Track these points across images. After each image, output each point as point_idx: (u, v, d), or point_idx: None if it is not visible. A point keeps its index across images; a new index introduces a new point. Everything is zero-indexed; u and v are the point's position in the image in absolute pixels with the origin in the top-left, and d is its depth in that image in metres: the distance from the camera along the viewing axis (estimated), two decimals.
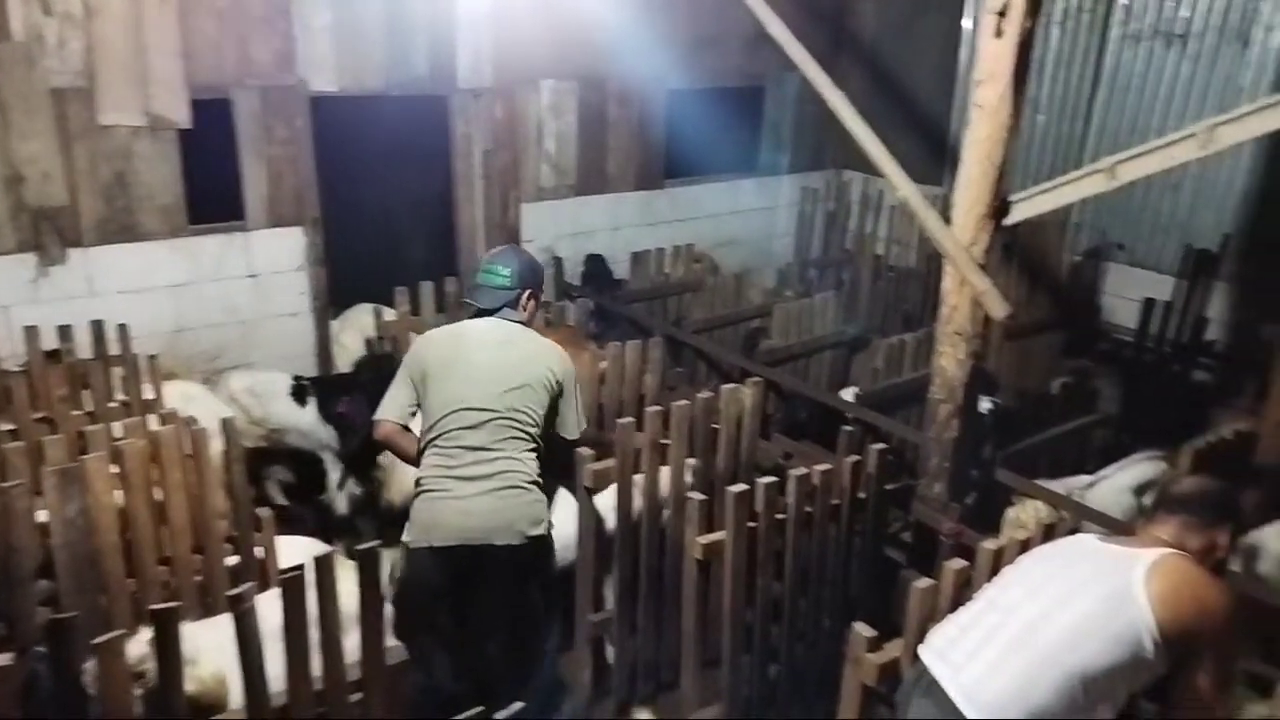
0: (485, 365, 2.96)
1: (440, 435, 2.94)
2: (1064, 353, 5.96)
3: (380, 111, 5.68)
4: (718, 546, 2.97)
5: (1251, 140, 5.67)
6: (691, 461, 3.39)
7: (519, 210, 6.09)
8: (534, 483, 2.97)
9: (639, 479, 3.31)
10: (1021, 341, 5.71)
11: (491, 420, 2.91)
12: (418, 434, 3.06)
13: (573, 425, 3.14)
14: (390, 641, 2.54)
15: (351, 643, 2.41)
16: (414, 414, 3.05)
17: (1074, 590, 2.14)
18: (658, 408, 3.38)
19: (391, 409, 3.05)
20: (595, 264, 6.41)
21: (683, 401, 3.40)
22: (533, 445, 2.99)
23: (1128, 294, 6.12)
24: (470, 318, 3.13)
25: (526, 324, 3.12)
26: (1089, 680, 2.05)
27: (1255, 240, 5.83)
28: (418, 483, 3.00)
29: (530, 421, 2.97)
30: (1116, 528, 3.10)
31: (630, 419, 3.34)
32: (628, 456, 3.26)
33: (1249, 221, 5.84)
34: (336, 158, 5.61)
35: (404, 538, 3.01)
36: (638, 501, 3.35)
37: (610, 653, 3.59)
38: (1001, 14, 2.87)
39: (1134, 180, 2.99)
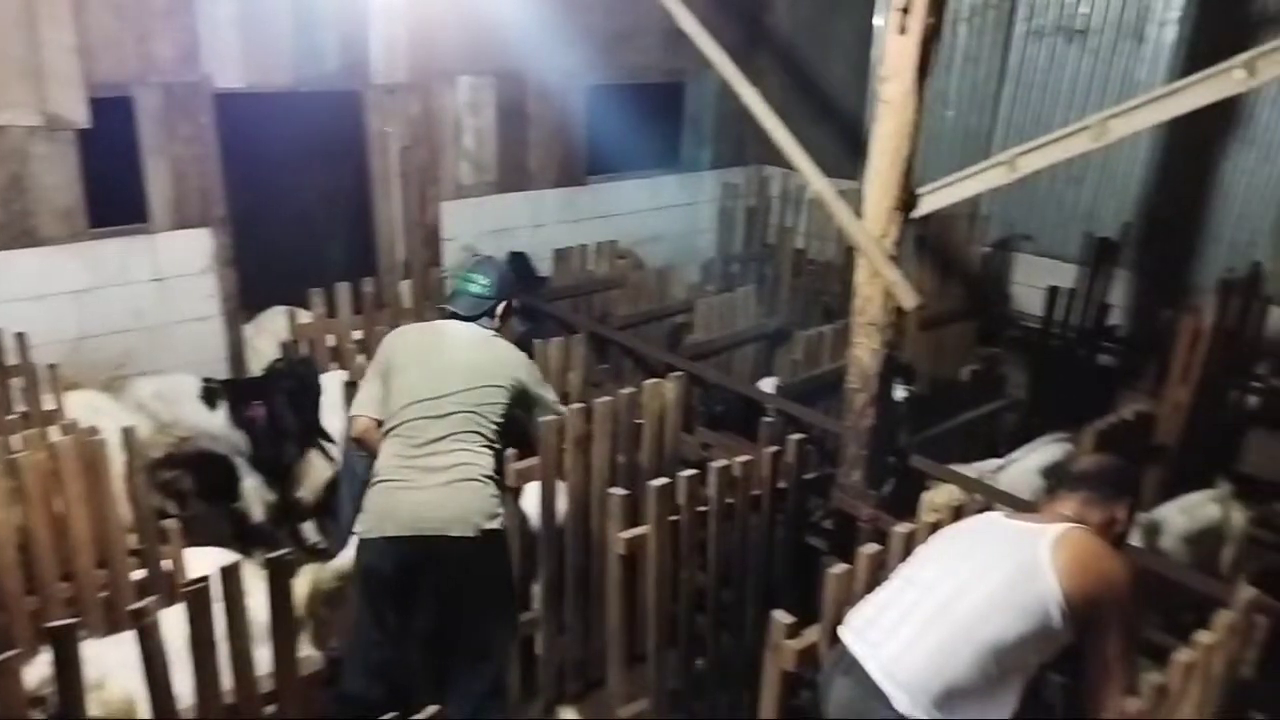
0: (455, 362, 3.07)
1: (402, 425, 2.98)
2: (977, 340, 6.15)
3: (291, 108, 5.54)
4: (641, 541, 2.98)
5: (1147, 133, 5.94)
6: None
7: (438, 208, 6.01)
8: (490, 478, 3.01)
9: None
10: (936, 331, 5.86)
11: (455, 414, 2.98)
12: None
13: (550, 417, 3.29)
14: (305, 651, 2.48)
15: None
16: None
17: (985, 566, 2.22)
18: (581, 404, 3.38)
19: (366, 404, 3.15)
20: (518, 262, 6.36)
21: (606, 397, 3.40)
22: (491, 444, 3.05)
23: (1035, 283, 6.32)
24: (445, 319, 3.25)
25: (498, 331, 3.24)
26: (1001, 652, 2.12)
27: (1153, 228, 6.09)
28: (374, 473, 3.01)
29: (492, 421, 3.05)
30: (1025, 509, 3.21)
31: (553, 418, 3.33)
32: (550, 454, 3.26)
33: (1147, 210, 6.10)
34: (245, 156, 5.45)
35: (356, 529, 3.00)
36: (562, 499, 3.35)
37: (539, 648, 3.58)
38: (905, 11, 2.93)
39: (1037, 172, 3.09)
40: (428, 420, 2.96)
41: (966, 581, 2.20)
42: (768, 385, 4.61)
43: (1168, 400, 4.67)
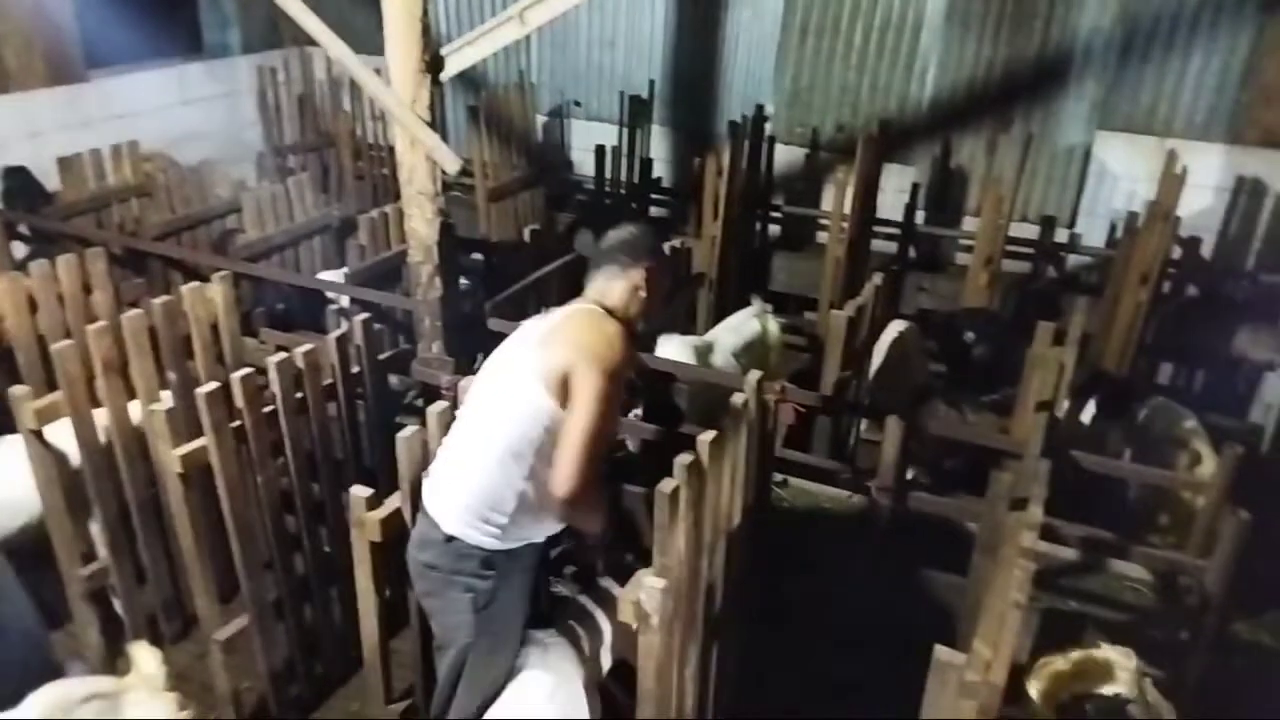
0: None
1: None
2: (549, 206, 6.40)
3: None
4: (201, 455, 2.74)
5: None
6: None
7: None
8: None
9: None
10: (505, 201, 6.01)
11: None
12: None
13: None
14: None
15: None
16: None
17: (495, 385, 2.35)
18: (102, 323, 2.97)
19: None
20: (17, 179, 5.34)
21: (135, 311, 3.03)
22: None
23: (590, 146, 6.70)
24: None
25: None
26: (517, 454, 2.24)
27: (677, 84, 6.70)
28: None
29: None
30: None
31: (70, 342, 2.90)
32: (75, 384, 2.85)
33: (670, 69, 6.68)
34: None
35: None
36: (103, 432, 2.97)
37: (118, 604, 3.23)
38: None
39: (578, 39, 3.19)
40: None
41: (485, 400, 2.35)
42: (335, 275, 4.43)
43: (704, 235, 5.25)
